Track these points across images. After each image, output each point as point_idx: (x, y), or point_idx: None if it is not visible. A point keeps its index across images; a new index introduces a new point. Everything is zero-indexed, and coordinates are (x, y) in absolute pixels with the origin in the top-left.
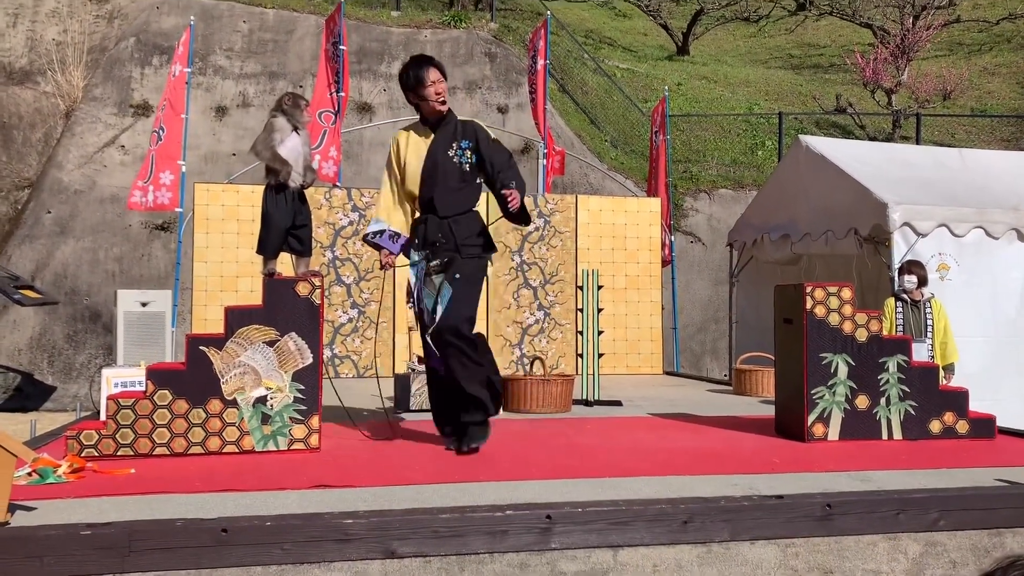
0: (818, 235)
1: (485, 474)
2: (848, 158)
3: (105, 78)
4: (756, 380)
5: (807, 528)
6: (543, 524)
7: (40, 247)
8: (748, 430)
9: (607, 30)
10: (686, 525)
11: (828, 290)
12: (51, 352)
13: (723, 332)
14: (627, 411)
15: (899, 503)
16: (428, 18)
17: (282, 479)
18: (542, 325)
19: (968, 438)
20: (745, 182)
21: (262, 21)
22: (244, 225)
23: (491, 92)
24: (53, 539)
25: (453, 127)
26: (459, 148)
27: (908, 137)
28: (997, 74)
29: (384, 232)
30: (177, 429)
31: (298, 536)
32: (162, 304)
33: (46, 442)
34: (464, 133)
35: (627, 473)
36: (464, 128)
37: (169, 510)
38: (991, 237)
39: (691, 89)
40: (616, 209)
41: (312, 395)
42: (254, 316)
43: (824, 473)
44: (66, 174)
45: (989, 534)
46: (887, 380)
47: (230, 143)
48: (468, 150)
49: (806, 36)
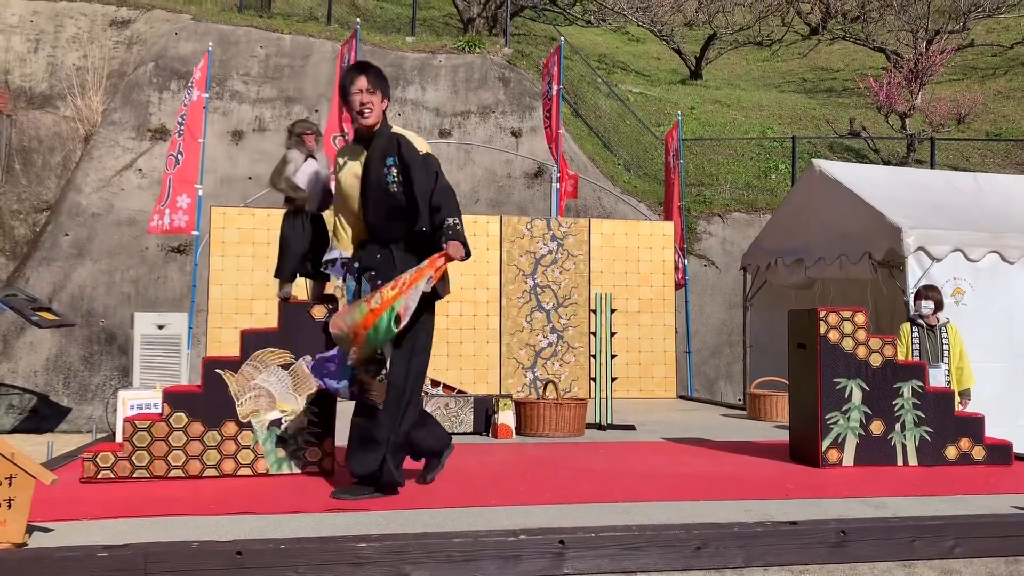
0: (832, 259)
1: (498, 498)
2: (862, 182)
3: (124, 102)
4: (770, 405)
5: (821, 555)
6: (556, 549)
7: (58, 269)
8: (762, 455)
9: (620, 55)
10: (699, 551)
11: (842, 315)
12: (67, 374)
13: (737, 356)
14: (641, 435)
15: (914, 530)
16: (443, 43)
17: (296, 502)
18: (555, 348)
19: (984, 464)
20: (758, 206)
21: (279, 47)
22: (260, 248)
23: (505, 116)
24: (70, 561)
25: (385, 141)
26: (386, 166)
27: (922, 161)
28: (1012, 98)
29: (336, 260)
30: (192, 451)
31: (312, 559)
32: (178, 326)
33: (63, 463)
34: (391, 148)
35: (640, 498)
36: (391, 142)
37: (184, 532)
38: (1006, 262)
39: (704, 113)
40: (629, 232)
41: (326, 418)
42: (269, 339)
43: (838, 499)
44: (84, 197)
45: (1006, 562)
46: (902, 405)
47: (246, 167)
48: (393, 167)
49: (819, 60)
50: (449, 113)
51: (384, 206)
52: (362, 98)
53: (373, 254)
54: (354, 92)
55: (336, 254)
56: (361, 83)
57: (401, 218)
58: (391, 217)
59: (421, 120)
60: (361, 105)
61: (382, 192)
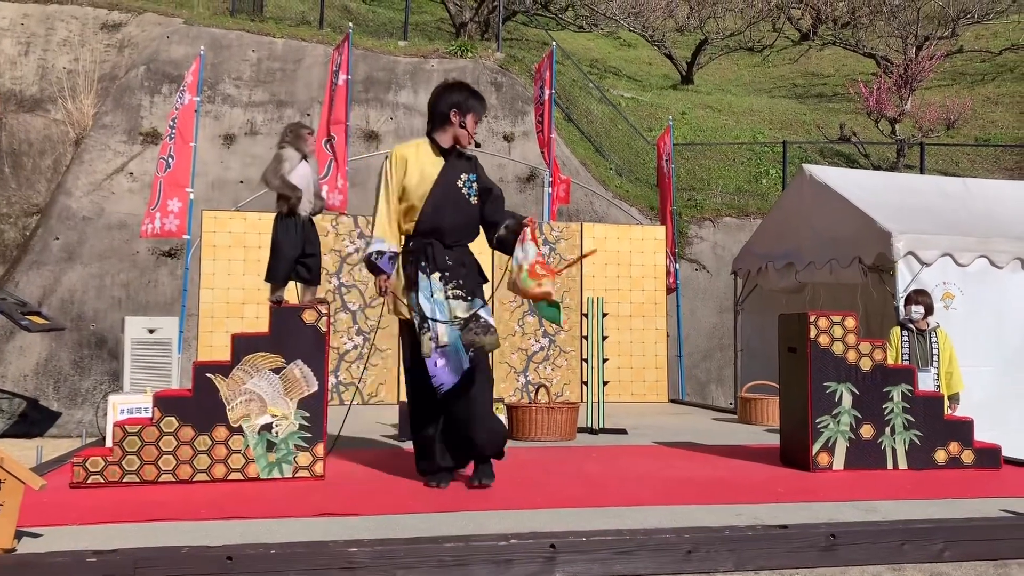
0: (822, 264)
1: (490, 503)
2: (852, 187)
3: (115, 106)
4: (761, 409)
5: (811, 558)
6: (547, 553)
7: (48, 273)
8: (753, 459)
9: (612, 59)
10: (690, 555)
11: (832, 319)
12: (57, 378)
13: (728, 360)
14: (632, 439)
15: (904, 533)
16: (435, 47)
17: (287, 507)
18: (547, 352)
19: (973, 468)
20: (749, 210)
21: (271, 50)
22: (251, 252)
23: (497, 120)
24: (59, 566)
25: (465, 161)
26: (468, 180)
27: (912, 166)
28: (1000, 103)
29: (385, 254)
30: (183, 456)
31: (303, 564)
32: (169, 331)
33: (52, 468)
34: (470, 166)
35: (632, 502)
36: (469, 161)
37: (175, 537)
38: (995, 266)
39: (695, 118)
40: (621, 237)
41: (317, 423)
42: (260, 343)
43: (829, 503)
44: (75, 201)
45: (995, 565)
46: (891, 409)
47: (238, 171)
48: (474, 184)
49: (810, 65)
50: None
51: (464, 214)
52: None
53: (443, 255)
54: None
55: (385, 246)
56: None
57: (472, 227)
58: (467, 224)
59: (413, 124)
60: (475, 134)
61: (463, 202)
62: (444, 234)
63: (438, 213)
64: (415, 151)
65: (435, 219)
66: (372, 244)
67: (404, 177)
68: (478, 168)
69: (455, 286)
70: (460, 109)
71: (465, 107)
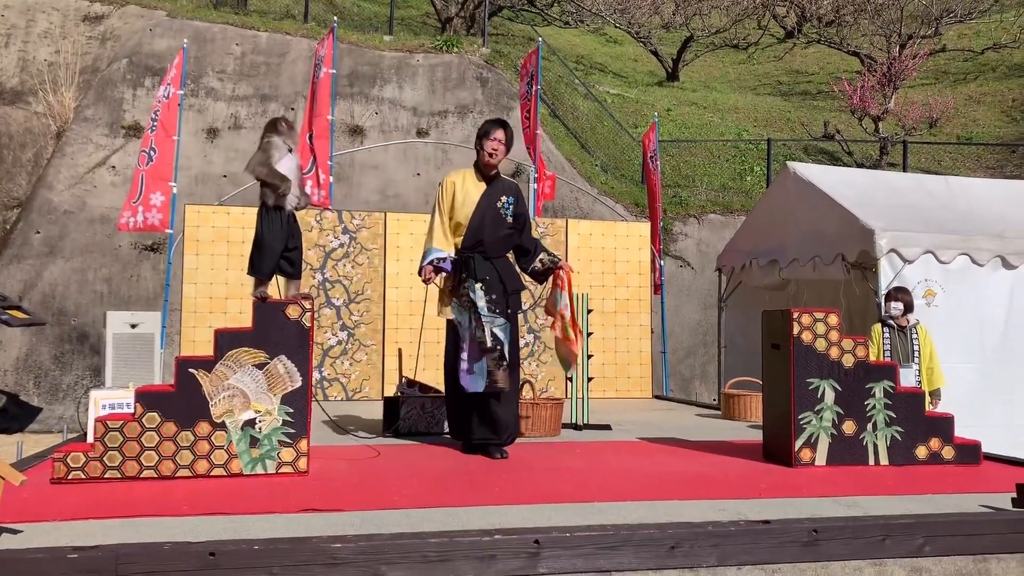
0: (806, 261)
1: (474, 498)
2: (836, 184)
3: (97, 99)
4: (744, 405)
5: (793, 553)
6: (531, 549)
7: (28, 267)
8: (736, 455)
9: (598, 56)
10: (673, 550)
11: (815, 316)
12: (38, 373)
13: (712, 356)
14: (616, 435)
15: (885, 529)
16: (420, 43)
17: (270, 503)
18: (532, 348)
19: (954, 464)
20: (734, 207)
21: (255, 44)
22: (234, 247)
23: (482, 116)
24: (39, 562)
25: (502, 184)
26: (506, 202)
27: (895, 164)
28: (982, 102)
29: (447, 259)
30: (165, 452)
31: (286, 560)
32: (151, 326)
33: (33, 464)
34: (509, 190)
35: (616, 497)
36: (509, 186)
37: (156, 533)
38: (976, 264)
39: (681, 115)
40: (606, 233)
41: (301, 418)
42: (244, 339)
43: (811, 498)
44: (56, 194)
45: (974, 560)
46: (874, 406)
47: (221, 165)
48: (512, 206)
49: (794, 63)
50: (427, 112)
51: (502, 230)
52: (495, 145)
53: (484, 266)
54: (494, 138)
55: (444, 253)
56: (500, 135)
57: (509, 242)
58: (503, 239)
59: (399, 119)
60: (493, 150)
61: (501, 220)
62: (486, 247)
63: (480, 230)
64: (461, 178)
65: (477, 234)
66: (431, 253)
67: (452, 199)
68: (517, 193)
69: (489, 301)
70: (480, 138)
71: (481, 134)
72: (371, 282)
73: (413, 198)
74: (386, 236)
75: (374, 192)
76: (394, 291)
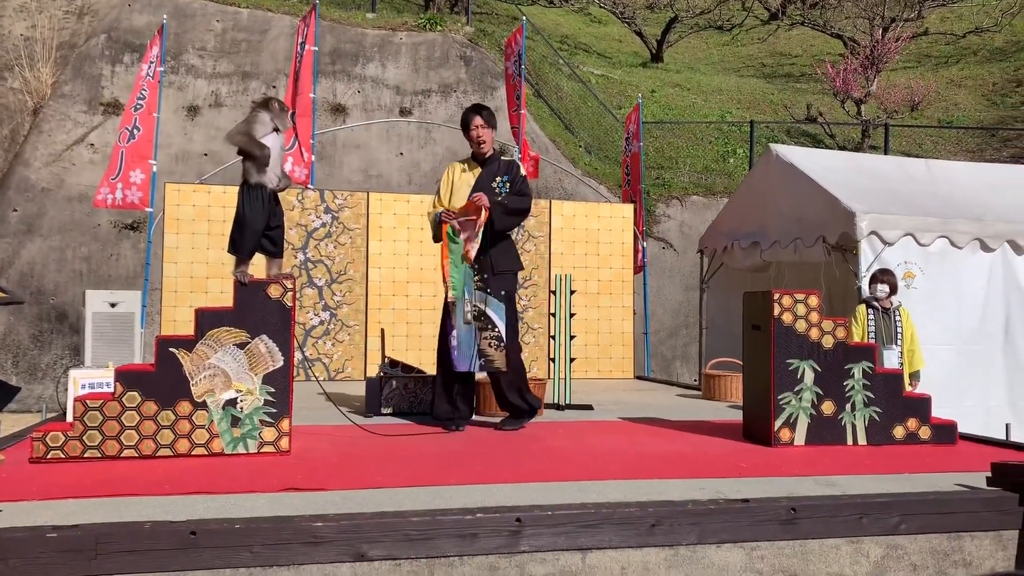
0: (787, 243)
1: (455, 477)
2: (817, 167)
3: (75, 75)
4: (725, 385)
5: (772, 532)
6: (513, 527)
7: (5, 246)
8: (716, 435)
9: (582, 36)
10: (654, 528)
11: (795, 297)
12: (16, 352)
13: (693, 337)
14: (598, 415)
15: (862, 507)
16: (403, 20)
17: (252, 482)
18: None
19: (930, 444)
20: (716, 189)
21: (236, 21)
22: (215, 226)
23: (466, 95)
24: (19, 542)
25: (497, 165)
26: (500, 181)
27: (877, 147)
28: (963, 86)
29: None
30: (146, 431)
31: (268, 539)
32: (131, 305)
33: (11, 443)
34: (503, 169)
35: (596, 476)
36: (503, 165)
37: (137, 512)
38: (955, 247)
39: (664, 96)
40: (590, 214)
41: (282, 398)
42: (225, 318)
43: (789, 477)
44: (33, 172)
45: (949, 538)
46: (852, 387)
47: (202, 143)
48: (506, 183)
49: (778, 45)
50: (410, 91)
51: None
52: (478, 132)
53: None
54: (474, 126)
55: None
56: (478, 120)
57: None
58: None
59: (381, 98)
60: (478, 136)
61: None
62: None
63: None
64: (461, 164)
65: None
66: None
67: (451, 183)
68: (510, 170)
69: (480, 279)
70: (464, 131)
71: (463, 127)
72: (353, 262)
73: (396, 177)
74: (368, 216)
75: (356, 171)
76: (376, 271)
